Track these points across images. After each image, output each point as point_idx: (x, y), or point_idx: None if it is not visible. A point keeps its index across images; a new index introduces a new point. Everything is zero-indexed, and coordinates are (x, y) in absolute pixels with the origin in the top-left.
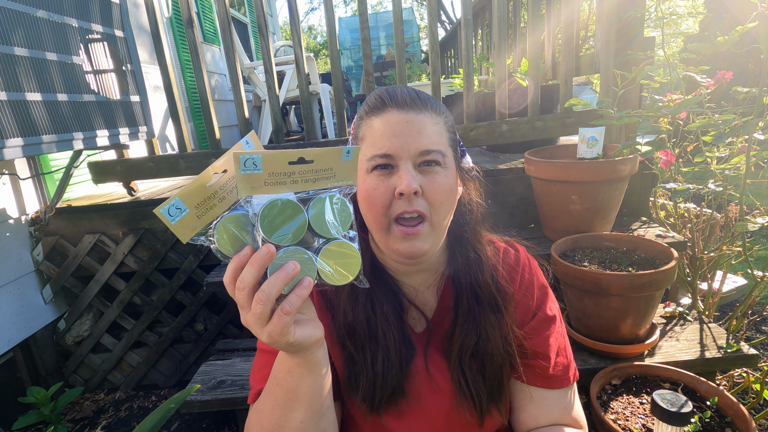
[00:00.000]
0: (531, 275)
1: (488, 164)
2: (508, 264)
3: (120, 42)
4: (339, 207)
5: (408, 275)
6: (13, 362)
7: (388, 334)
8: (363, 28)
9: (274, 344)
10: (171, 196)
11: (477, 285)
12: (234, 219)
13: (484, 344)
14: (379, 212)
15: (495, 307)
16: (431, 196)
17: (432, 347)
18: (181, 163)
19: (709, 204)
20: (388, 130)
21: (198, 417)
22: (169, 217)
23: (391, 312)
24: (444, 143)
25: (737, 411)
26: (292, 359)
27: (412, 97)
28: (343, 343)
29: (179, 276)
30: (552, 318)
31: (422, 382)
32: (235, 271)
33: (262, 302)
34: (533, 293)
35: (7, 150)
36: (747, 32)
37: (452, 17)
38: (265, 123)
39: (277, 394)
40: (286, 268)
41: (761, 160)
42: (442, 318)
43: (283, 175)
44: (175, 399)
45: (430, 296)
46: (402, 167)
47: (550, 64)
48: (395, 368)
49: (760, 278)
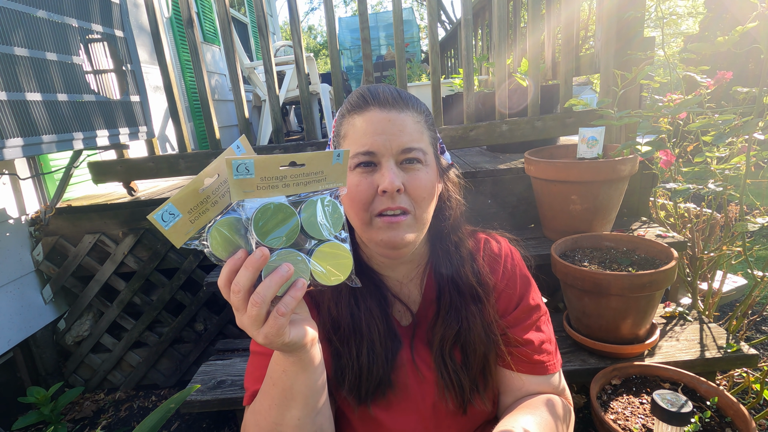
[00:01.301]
0: (513, 266)
1: (488, 164)
2: (489, 255)
3: (120, 42)
4: (330, 209)
5: (392, 268)
6: (13, 362)
7: (372, 328)
8: (363, 28)
9: (270, 345)
10: (164, 203)
11: (458, 277)
12: (227, 223)
13: (466, 334)
14: (360, 209)
15: (476, 298)
16: (414, 192)
17: (417, 339)
18: (181, 163)
19: (709, 204)
20: (371, 128)
21: (198, 417)
22: (163, 222)
23: (375, 306)
24: (425, 141)
25: (737, 411)
26: (288, 358)
27: (394, 96)
28: (329, 338)
29: (179, 276)
30: (535, 307)
31: (408, 373)
32: (230, 275)
33: (257, 305)
34: (516, 283)
35: (7, 150)
36: (747, 32)
37: (452, 17)
38: (265, 123)
39: (273, 393)
40: (281, 270)
41: (761, 160)
42: (427, 311)
43: (275, 179)
44: (175, 399)
45: (413, 289)
46: (385, 165)
47: (550, 64)
48: (381, 360)
49: (760, 278)
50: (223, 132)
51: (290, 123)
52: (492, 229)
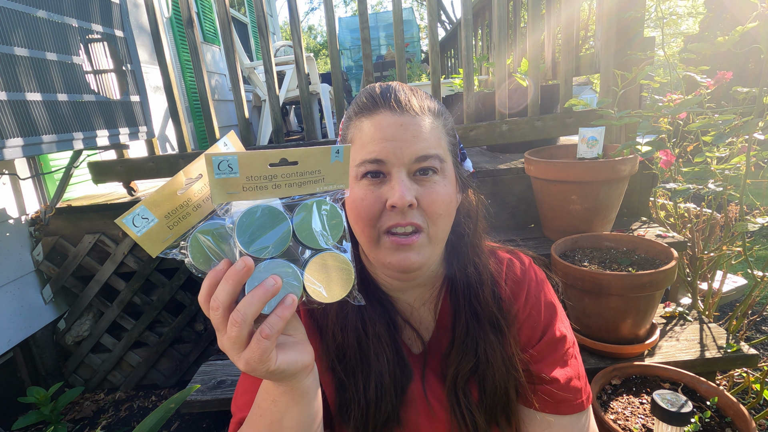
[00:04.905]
0: (538, 291)
1: (488, 164)
2: (512, 278)
3: (120, 42)
4: (328, 214)
5: (402, 291)
6: (13, 362)
7: (381, 357)
8: (363, 28)
9: (254, 372)
10: (136, 205)
11: (477, 302)
12: (209, 230)
13: (485, 367)
14: (366, 224)
15: (496, 327)
16: (428, 207)
17: (429, 370)
18: (181, 163)
19: (709, 204)
20: (380, 133)
21: (198, 417)
22: (134, 228)
23: (384, 332)
24: (443, 148)
25: (737, 411)
26: (277, 387)
27: (407, 97)
28: (333, 368)
29: (179, 276)
30: (561, 338)
31: (419, 410)
32: (210, 288)
33: (237, 324)
34: (540, 311)
35: (7, 150)
36: (747, 32)
37: (452, 17)
38: (265, 123)
39: (259, 426)
40: (265, 284)
41: (761, 160)
42: (440, 339)
43: (263, 178)
44: (175, 399)
45: (426, 314)
46: (395, 176)
47: (550, 64)
48: (390, 394)
49: (760, 278)
50: (223, 132)
51: (290, 123)
52: (512, 242)
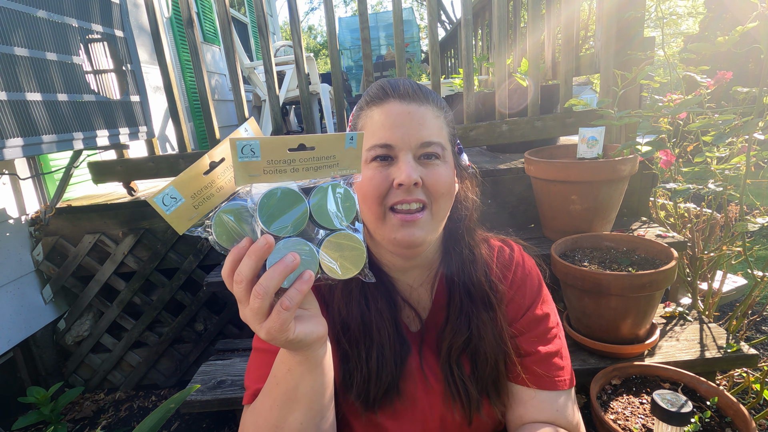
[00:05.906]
0: (524, 274)
1: (488, 164)
2: (501, 262)
3: (120, 42)
4: (342, 197)
5: (402, 272)
6: (13, 362)
7: (382, 331)
8: (363, 28)
9: (273, 341)
10: (165, 185)
11: (470, 283)
12: (232, 210)
13: (477, 342)
14: (373, 202)
15: (488, 305)
16: (432, 187)
17: (426, 346)
18: (181, 163)
19: (709, 204)
20: (389, 120)
21: (198, 417)
22: (164, 206)
23: (385, 308)
24: (444, 137)
25: (737, 411)
26: (293, 357)
27: (414, 89)
28: (338, 339)
29: (179, 276)
30: (543, 317)
31: (417, 382)
32: (233, 264)
33: (260, 296)
34: (525, 292)
35: (7, 150)
36: (747, 32)
37: (452, 17)
38: (265, 123)
39: (275, 393)
40: (285, 260)
41: (761, 160)
42: (436, 316)
43: (282, 162)
44: (175, 399)
45: (424, 294)
46: (402, 158)
47: (550, 64)
48: (390, 365)
49: (760, 278)
50: (223, 132)
51: (290, 123)
52: (506, 234)
